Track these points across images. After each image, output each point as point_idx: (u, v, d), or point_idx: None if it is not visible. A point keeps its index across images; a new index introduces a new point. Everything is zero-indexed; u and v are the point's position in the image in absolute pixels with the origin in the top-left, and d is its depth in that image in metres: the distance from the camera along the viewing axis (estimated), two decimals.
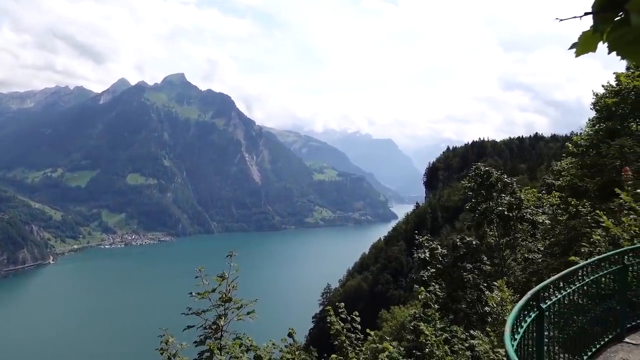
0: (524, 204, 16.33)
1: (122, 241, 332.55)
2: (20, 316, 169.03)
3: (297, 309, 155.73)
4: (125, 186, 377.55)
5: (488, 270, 15.72)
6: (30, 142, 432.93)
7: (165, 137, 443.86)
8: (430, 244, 16.21)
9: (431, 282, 14.81)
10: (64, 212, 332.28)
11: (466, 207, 17.93)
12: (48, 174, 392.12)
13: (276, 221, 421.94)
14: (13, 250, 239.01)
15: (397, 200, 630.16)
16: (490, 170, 16.98)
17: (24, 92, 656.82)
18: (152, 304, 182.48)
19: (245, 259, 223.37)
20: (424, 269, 15.54)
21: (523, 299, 5.61)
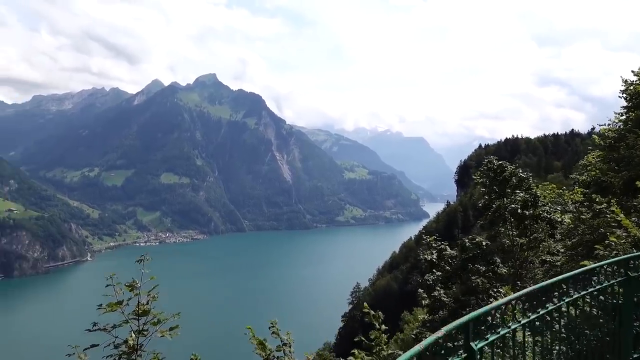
0: (542, 201, 15.16)
1: (156, 239, 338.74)
2: (60, 311, 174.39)
3: (326, 307, 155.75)
4: (159, 185, 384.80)
5: (504, 273, 14.65)
6: (68, 143, 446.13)
7: (197, 137, 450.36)
8: (439, 245, 15.23)
9: (437, 286, 13.99)
10: (101, 211, 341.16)
11: (479, 204, 16.72)
12: (86, 174, 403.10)
13: (307, 220, 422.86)
14: (53, 247, 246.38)
15: (429, 199, 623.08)
16: (503, 164, 15.73)
17: (62, 94, 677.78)
18: (184, 302, 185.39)
19: (276, 258, 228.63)
20: (430, 271, 14.64)
21: (434, 335, 3.59)
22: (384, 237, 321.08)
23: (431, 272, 14.48)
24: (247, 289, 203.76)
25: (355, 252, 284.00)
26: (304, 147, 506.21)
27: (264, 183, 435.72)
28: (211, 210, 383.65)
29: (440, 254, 14.83)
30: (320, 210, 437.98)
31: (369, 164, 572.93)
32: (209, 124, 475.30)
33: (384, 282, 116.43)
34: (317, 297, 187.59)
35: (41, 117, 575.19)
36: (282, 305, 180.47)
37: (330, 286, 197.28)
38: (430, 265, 14.72)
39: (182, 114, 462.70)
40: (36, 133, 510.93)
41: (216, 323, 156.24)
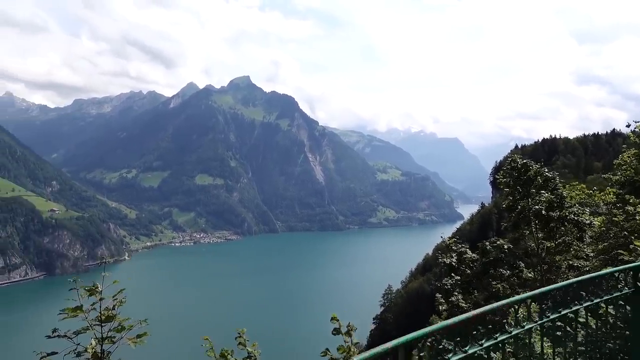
0: (569, 202, 14.29)
1: (191, 239, 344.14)
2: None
3: (358, 309, 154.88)
4: (194, 186, 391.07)
5: (529, 278, 13.79)
6: (107, 145, 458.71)
7: (231, 139, 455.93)
8: (459, 247, 14.46)
9: (455, 291, 13.26)
10: (138, 211, 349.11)
11: (503, 205, 15.84)
12: (123, 175, 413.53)
13: (339, 221, 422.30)
14: (92, 246, 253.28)
15: (464, 200, 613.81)
16: (528, 163, 14.91)
17: (102, 97, 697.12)
18: (218, 300, 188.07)
19: (308, 259, 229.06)
20: (448, 276, 13.87)
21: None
22: (417, 238, 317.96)
23: (450, 276, 13.78)
24: (279, 289, 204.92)
25: (388, 254, 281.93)
26: (337, 148, 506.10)
27: (297, 184, 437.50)
28: (244, 211, 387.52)
29: (460, 257, 14.13)
30: (353, 212, 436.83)
31: (402, 165, 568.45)
32: (242, 125, 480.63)
33: (416, 284, 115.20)
34: (349, 298, 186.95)
35: (82, 120, 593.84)
36: (313, 305, 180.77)
37: (362, 288, 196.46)
38: (449, 269, 14.05)
39: (217, 116, 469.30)
40: (77, 136, 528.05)
41: (247, 323, 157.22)
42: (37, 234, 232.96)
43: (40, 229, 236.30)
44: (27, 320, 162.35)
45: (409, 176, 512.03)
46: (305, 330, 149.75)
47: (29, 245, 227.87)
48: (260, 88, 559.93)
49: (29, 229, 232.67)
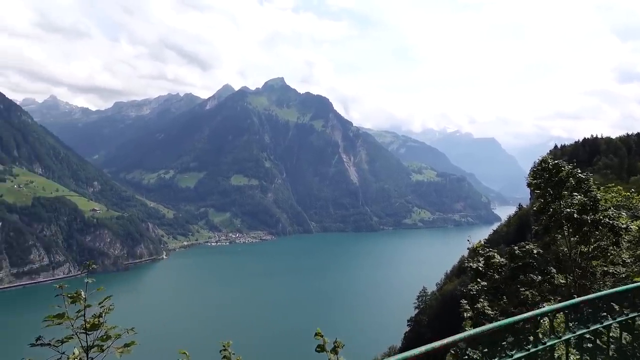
0: (603, 205, 13.59)
1: (227, 239, 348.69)
2: (138, 305, 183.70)
3: (392, 311, 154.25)
4: (230, 187, 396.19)
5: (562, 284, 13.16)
6: (146, 146, 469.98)
7: (266, 140, 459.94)
8: (486, 252, 13.73)
9: (481, 297, 12.65)
10: (176, 211, 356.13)
11: (533, 208, 15.21)
12: (161, 176, 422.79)
13: (374, 222, 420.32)
14: (132, 245, 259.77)
15: (501, 202, 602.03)
16: (559, 164, 14.23)
17: (140, 100, 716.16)
18: (252, 300, 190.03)
19: (342, 259, 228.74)
20: (475, 281, 13.20)
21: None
22: (453, 240, 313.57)
23: (476, 281, 13.19)
24: (313, 289, 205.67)
25: (423, 256, 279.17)
26: (371, 149, 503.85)
27: (331, 185, 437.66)
28: (279, 211, 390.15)
29: (487, 261, 13.49)
30: (387, 213, 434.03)
31: (438, 166, 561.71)
32: (277, 126, 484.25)
33: (451, 287, 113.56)
34: (383, 299, 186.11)
35: (122, 122, 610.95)
36: (347, 306, 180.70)
37: (397, 289, 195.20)
38: (475, 273, 13.44)
39: (252, 117, 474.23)
40: (117, 137, 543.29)
41: (280, 322, 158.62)
42: (79, 233, 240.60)
43: (83, 227, 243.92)
44: None
45: (445, 177, 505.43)
46: (338, 332, 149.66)
47: (72, 243, 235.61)
48: (295, 89, 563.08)
49: (72, 227, 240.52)
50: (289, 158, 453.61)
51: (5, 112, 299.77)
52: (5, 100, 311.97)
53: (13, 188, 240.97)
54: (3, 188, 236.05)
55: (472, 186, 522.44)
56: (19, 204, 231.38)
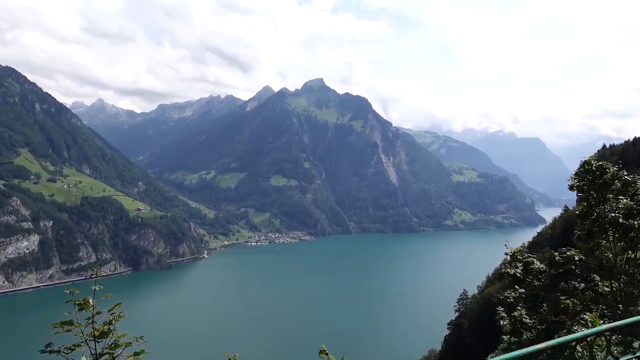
0: None
1: (266, 239, 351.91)
2: (180, 303, 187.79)
3: (432, 313, 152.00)
4: (269, 187, 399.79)
5: (606, 292, 12.19)
6: (188, 147, 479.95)
7: (305, 140, 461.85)
8: (525, 257, 12.90)
9: (518, 305, 11.86)
10: (217, 211, 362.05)
11: (576, 212, 14.27)
12: (203, 176, 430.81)
13: (414, 223, 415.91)
14: (175, 244, 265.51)
15: (545, 203, 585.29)
16: (604, 165, 13.33)
17: (183, 102, 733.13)
18: (291, 299, 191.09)
19: (382, 260, 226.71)
20: (512, 288, 12.45)
21: None
22: (495, 242, 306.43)
23: (513, 288, 12.46)
24: (353, 290, 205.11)
25: (464, 258, 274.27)
26: (411, 149, 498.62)
27: (370, 185, 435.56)
28: (318, 212, 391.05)
29: (526, 267, 12.69)
30: (427, 214, 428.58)
31: (479, 166, 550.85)
32: (316, 127, 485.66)
33: (493, 290, 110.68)
34: (423, 301, 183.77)
35: (165, 124, 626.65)
36: (387, 308, 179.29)
37: (437, 291, 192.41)
38: (513, 280, 12.67)
39: (291, 118, 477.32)
40: (160, 139, 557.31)
41: (319, 323, 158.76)
42: (125, 232, 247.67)
43: (128, 226, 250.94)
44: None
45: (487, 177, 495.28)
46: (378, 332, 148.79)
47: (118, 242, 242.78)
48: (334, 90, 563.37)
49: (118, 226, 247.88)
50: (328, 159, 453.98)
51: (56, 115, 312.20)
52: (56, 104, 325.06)
53: (63, 188, 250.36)
54: (54, 188, 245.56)
55: (515, 187, 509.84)
56: (69, 204, 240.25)
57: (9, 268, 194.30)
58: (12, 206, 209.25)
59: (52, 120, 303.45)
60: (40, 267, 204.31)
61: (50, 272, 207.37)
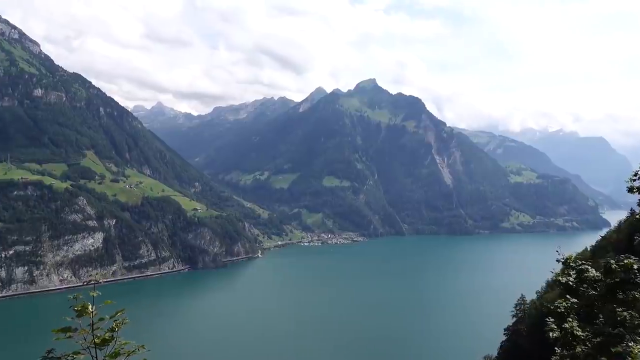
0: None
1: (319, 239, 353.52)
2: (235, 301, 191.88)
3: (488, 318, 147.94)
4: (322, 188, 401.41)
5: None
6: (242, 149, 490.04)
7: (358, 141, 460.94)
8: (579, 264, 11.76)
9: (570, 316, 10.84)
10: (270, 211, 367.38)
11: (636, 216, 13.22)
12: (257, 177, 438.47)
13: (469, 225, 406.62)
14: (230, 243, 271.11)
15: (611, 205, 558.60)
16: None
17: (238, 104, 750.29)
18: (342, 300, 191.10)
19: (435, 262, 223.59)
20: (564, 297, 11.32)
21: None
22: (555, 246, 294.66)
23: (565, 297, 11.33)
24: (406, 292, 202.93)
25: (521, 261, 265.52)
26: (466, 149, 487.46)
27: (424, 186, 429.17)
28: (371, 213, 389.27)
29: (580, 276, 11.57)
30: (483, 216, 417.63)
31: (538, 167, 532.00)
32: (368, 128, 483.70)
33: (552, 295, 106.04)
34: (478, 305, 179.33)
35: (220, 126, 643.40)
36: (440, 311, 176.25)
37: (493, 295, 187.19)
38: (565, 289, 11.56)
39: (343, 119, 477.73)
40: (216, 141, 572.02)
41: (372, 325, 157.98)
42: (182, 231, 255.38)
43: (185, 226, 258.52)
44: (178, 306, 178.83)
45: (546, 179, 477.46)
46: (432, 336, 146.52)
47: (176, 240, 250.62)
48: (386, 90, 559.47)
49: (176, 225, 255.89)
50: (381, 159, 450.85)
51: (118, 118, 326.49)
52: (119, 108, 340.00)
53: (125, 188, 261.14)
54: (117, 188, 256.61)
55: (577, 188, 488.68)
56: (130, 203, 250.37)
57: (75, 264, 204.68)
58: (79, 205, 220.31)
59: (115, 124, 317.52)
60: (104, 264, 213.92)
61: (113, 268, 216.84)
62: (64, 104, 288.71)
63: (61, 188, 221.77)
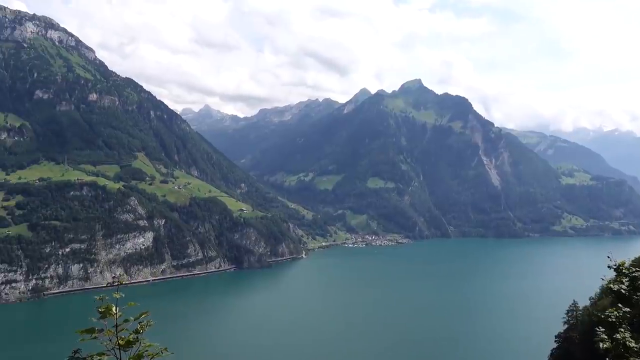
0: None
1: (363, 241, 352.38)
2: (279, 300, 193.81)
3: (538, 324, 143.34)
4: (366, 189, 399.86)
5: None
6: (287, 150, 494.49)
7: (402, 142, 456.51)
8: (632, 271, 10.81)
9: (622, 326, 9.92)
10: (314, 212, 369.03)
11: None
12: (301, 178, 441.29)
13: (518, 228, 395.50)
14: (274, 244, 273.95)
15: None
16: None
17: (283, 106, 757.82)
18: (388, 302, 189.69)
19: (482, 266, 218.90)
20: (615, 306, 10.41)
21: None
22: (611, 250, 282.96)
23: (617, 306, 10.38)
24: (452, 295, 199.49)
25: (574, 266, 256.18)
26: (515, 150, 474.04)
27: (470, 188, 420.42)
28: (416, 214, 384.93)
29: (633, 283, 10.70)
30: (533, 218, 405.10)
31: (592, 168, 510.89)
32: (413, 129, 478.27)
33: (607, 302, 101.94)
34: (528, 311, 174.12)
35: (266, 128, 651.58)
36: (488, 315, 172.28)
37: (543, 301, 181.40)
38: (617, 297, 10.64)
39: (388, 120, 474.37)
40: (261, 142, 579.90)
41: (416, 328, 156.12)
42: (228, 231, 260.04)
43: (231, 226, 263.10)
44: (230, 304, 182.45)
45: (601, 180, 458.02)
46: (478, 341, 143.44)
47: (222, 240, 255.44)
48: (432, 90, 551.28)
49: (223, 226, 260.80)
50: (426, 160, 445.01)
51: (168, 121, 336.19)
52: (168, 111, 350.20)
53: (174, 189, 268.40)
54: (166, 189, 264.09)
55: (634, 190, 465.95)
56: (179, 204, 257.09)
57: (127, 262, 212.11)
58: (131, 205, 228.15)
59: (165, 126, 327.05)
60: (154, 262, 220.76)
61: (162, 267, 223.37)
62: (117, 107, 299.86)
63: (114, 189, 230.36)
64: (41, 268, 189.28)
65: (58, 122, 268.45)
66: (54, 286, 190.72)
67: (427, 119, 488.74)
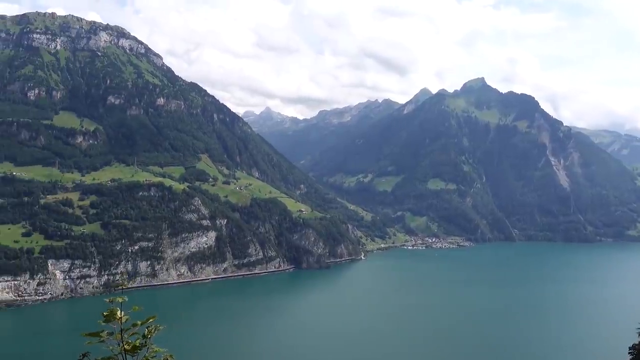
0: None
1: (423, 243, 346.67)
2: (337, 301, 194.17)
3: (609, 334, 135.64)
4: (426, 191, 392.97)
5: None
6: (346, 151, 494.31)
7: (464, 143, 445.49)
8: None
9: None
10: (373, 214, 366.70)
11: None
12: (360, 179, 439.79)
13: (588, 232, 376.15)
14: (333, 245, 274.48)
15: None
16: None
17: (342, 108, 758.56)
18: (448, 307, 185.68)
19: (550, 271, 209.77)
20: None
21: None
22: None
23: None
24: (514, 302, 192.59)
25: None
26: (585, 150, 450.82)
27: (537, 190, 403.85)
28: (478, 217, 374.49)
29: None
30: (605, 222, 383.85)
31: None
32: (476, 129, 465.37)
33: None
34: (598, 320, 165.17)
35: (325, 129, 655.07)
36: (554, 324, 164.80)
37: (615, 310, 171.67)
38: None
39: (449, 120, 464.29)
40: (321, 144, 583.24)
41: (474, 336, 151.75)
42: (288, 231, 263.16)
43: (291, 226, 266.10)
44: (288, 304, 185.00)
45: None
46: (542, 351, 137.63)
47: (282, 240, 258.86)
48: (496, 89, 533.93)
49: (282, 226, 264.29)
50: (489, 161, 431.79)
51: (230, 124, 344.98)
52: (231, 114, 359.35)
53: (236, 190, 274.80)
54: (228, 190, 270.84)
55: None
56: (240, 204, 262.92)
57: (191, 260, 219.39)
58: (195, 205, 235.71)
59: (227, 129, 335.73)
60: (216, 261, 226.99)
61: (224, 265, 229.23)
62: (182, 111, 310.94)
63: (179, 189, 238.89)
64: (112, 264, 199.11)
65: (128, 126, 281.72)
66: (124, 282, 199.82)
67: (490, 118, 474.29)
